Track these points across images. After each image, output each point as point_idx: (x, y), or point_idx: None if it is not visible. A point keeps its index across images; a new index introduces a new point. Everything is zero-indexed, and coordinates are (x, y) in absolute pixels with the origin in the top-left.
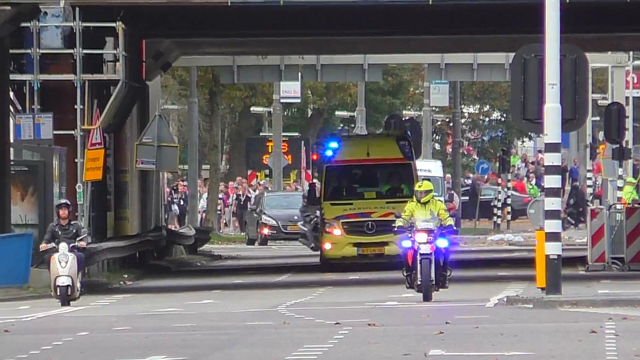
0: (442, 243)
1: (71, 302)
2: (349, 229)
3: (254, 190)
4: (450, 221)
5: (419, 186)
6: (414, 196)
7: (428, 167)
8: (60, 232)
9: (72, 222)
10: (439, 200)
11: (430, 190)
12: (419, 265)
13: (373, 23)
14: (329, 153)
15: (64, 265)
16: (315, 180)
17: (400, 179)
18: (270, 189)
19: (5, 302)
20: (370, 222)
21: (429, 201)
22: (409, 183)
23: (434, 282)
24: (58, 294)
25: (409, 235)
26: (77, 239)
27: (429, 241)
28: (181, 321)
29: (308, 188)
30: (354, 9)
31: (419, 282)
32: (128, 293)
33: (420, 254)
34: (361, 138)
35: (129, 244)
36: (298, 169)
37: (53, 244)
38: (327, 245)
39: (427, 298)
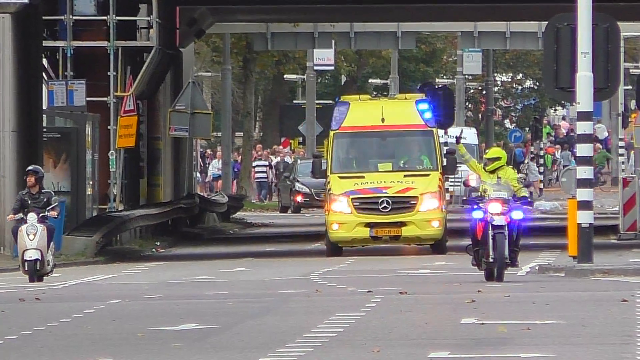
0: (517, 215)
1: (43, 278)
2: (360, 206)
3: (286, 159)
4: (525, 192)
5: (486, 153)
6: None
7: (463, 134)
8: (30, 201)
9: (43, 191)
10: (510, 168)
11: (499, 158)
12: (490, 240)
13: None
14: (337, 118)
15: (32, 237)
16: (321, 150)
17: (420, 149)
18: (304, 155)
19: None
20: (385, 199)
21: (497, 169)
22: (431, 153)
23: (508, 260)
24: (26, 268)
25: (479, 205)
26: (48, 208)
27: (504, 212)
28: (213, 289)
29: (313, 158)
30: None
31: (491, 260)
32: (160, 261)
33: (493, 227)
34: (375, 101)
35: (161, 211)
36: None
37: (21, 214)
38: (334, 226)
39: (499, 277)
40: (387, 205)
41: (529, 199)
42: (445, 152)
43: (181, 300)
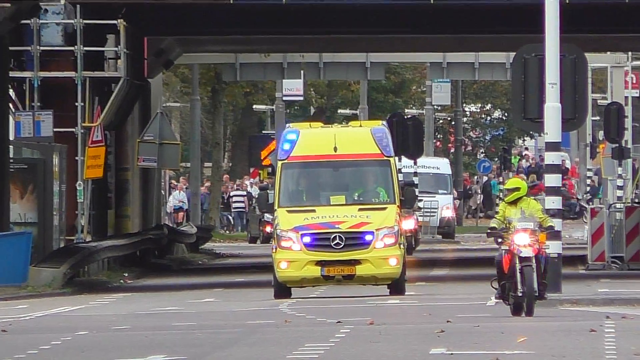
0: (545, 246)
1: None
2: (311, 243)
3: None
4: (551, 222)
5: (505, 184)
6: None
7: (436, 164)
8: None
9: None
10: (532, 199)
11: (518, 188)
12: (518, 273)
13: (375, 22)
14: (286, 147)
15: None
16: (268, 181)
17: (376, 180)
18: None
19: (3, 301)
20: (337, 235)
21: (518, 200)
22: (388, 185)
23: (537, 293)
24: None
25: (503, 237)
26: None
27: (531, 244)
28: (181, 320)
29: (258, 191)
30: (357, 8)
31: (520, 294)
32: (128, 292)
33: (520, 259)
34: (327, 128)
35: (129, 242)
36: None
37: None
38: (282, 265)
39: (529, 312)
40: (339, 242)
41: (555, 228)
42: (403, 183)
43: (149, 331)
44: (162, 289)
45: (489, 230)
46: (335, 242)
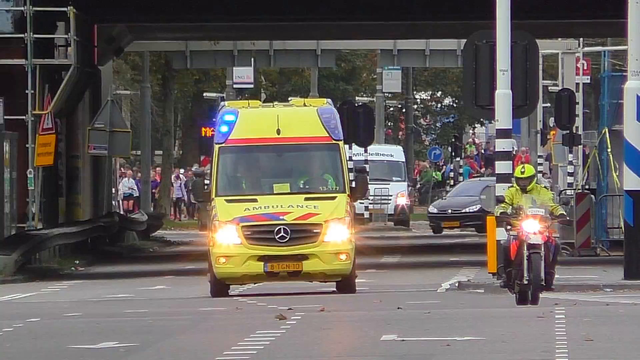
0: (554, 234)
1: None
2: (253, 236)
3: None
4: (561, 210)
5: (522, 172)
6: (514, 182)
7: (390, 152)
8: None
9: None
10: (543, 187)
11: (534, 176)
12: (525, 260)
13: (326, 9)
14: (223, 128)
15: None
16: (206, 168)
17: (324, 167)
18: None
19: None
20: (282, 227)
21: (532, 189)
22: (337, 172)
23: (543, 282)
24: None
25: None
26: None
27: (541, 231)
28: (133, 307)
29: (193, 178)
30: None
31: (525, 281)
32: (79, 279)
33: (528, 245)
34: (268, 108)
35: (80, 229)
36: None
37: None
38: (220, 260)
39: (534, 300)
40: (284, 235)
41: (567, 217)
42: (354, 170)
43: (101, 318)
44: (113, 276)
45: (499, 215)
46: (280, 235)
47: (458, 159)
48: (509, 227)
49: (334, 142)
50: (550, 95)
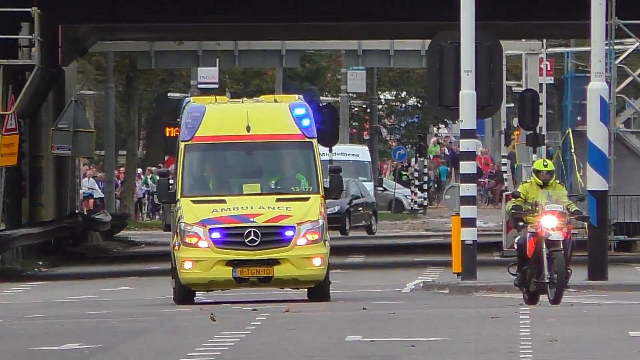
0: (573, 231)
1: None
2: (221, 239)
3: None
4: (576, 207)
5: (544, 165)
6: (532, 176)
7: (356, 151)
8: None
9: None
10: (559, 184)
11: (554, 172)
12: (545, 258)
13: (291, 9)
14: (189, 125)
15: None
16: (170, 168)
17: (296, 166)
18: None
19: None
20: (252, 230)
21: (552, 184)
22: (310, 172)
23: (567, 280)
24: None
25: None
26: None
27: (560, 227)
28: (97, 308)
29: (158, 178)
30: None
31: (546, 280)
32: (43, 280)
33: (548, 242)
34: (237, 104)
35: (43, 230)
36: None
37: None
38: (186, 264)
39: (557, 299)
40: (255, 238)
41: (584, 214)
42: (328, 169)
43: (64, 319)
44: (77, 277)
45: (512, 210)
46: (250, 238)
47: (422, 159)
48: (521, 223)
49: (307, 139)
50: (514, 95)
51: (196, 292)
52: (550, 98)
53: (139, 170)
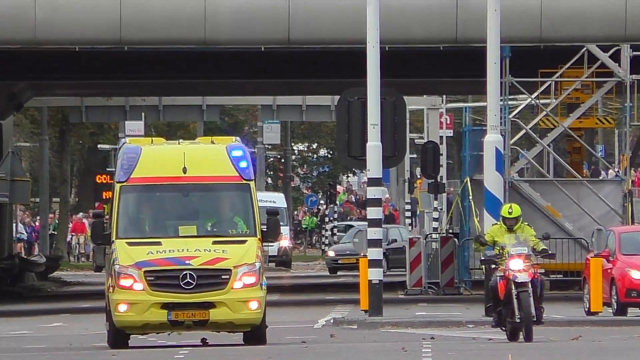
0: (539, 270)
1: None
2: (156, 282)
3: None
4: (542, 245)
5: (509, 213)
6: (499, 221)
7: (272, 198)
8: None
9: None
10: (526, 225)
11: (520, 216)
12: (514, 299)
13: (210, 67)
14: (125, 166)
15: None
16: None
17: (233, 208)
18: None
19: None
20: (188, 272)
21: (518, 227)
22: (247, 214)
23: (535, 318)
24: None
25: (497, 264)
26: None
27: (526, 269)
28: (32, 343)
29: (92, 220)
30: (193, 55)
31: (518, 319)
32: None
33: (516, 284)
34: (173, 145)
35: None
36: None
37: None
38: (121, 307)
39: (528, 337)
40: (190, 281)
41: (549, 251)
42: (266, 212)
43: (2, 353)
44: (14, 314)
45: (482, 258)
46: (186, 281)
47: (332, 205)
48: (493, 266)
49: (244, 182)
50: (416, 147)
51: (130, 335)
52: (450, 149)
53: (75, 216)
